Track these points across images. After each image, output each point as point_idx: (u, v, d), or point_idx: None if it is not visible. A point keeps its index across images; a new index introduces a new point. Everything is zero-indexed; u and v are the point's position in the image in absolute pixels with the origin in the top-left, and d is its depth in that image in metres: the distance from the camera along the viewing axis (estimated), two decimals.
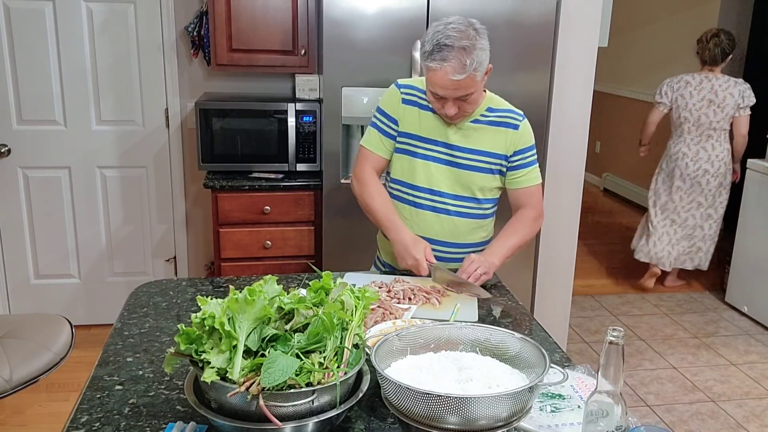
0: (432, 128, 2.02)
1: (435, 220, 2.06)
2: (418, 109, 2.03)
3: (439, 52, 1.81)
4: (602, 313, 4.24)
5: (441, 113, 1.96)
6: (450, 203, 2.05)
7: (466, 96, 1.90)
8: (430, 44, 1.84)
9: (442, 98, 1.91)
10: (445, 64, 1.82)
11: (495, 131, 2.02)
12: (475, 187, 2.05)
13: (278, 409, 1.10)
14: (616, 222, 6.27)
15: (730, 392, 3.33)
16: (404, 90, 2.05)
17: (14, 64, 3.38)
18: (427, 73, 1.89)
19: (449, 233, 2.07)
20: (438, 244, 2.06)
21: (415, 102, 2.03)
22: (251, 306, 1.15)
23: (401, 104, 2.04)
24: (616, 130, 7.10)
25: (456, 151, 2.02)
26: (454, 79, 1.83)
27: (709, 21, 5.68)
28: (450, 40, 1.81)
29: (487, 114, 2.04)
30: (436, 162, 2.03)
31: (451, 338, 1.34)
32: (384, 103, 2.07)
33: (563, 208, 3.28)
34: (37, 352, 2.13)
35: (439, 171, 2.03)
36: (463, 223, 2.07)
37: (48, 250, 3.64)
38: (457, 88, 1.86)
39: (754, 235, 4.14)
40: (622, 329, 1.08)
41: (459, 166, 2.02)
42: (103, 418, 1.27)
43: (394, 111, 2.04)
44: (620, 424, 1.09)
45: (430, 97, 1.95)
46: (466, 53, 1.82)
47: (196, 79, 3.57)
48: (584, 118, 3.21)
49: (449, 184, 2.03)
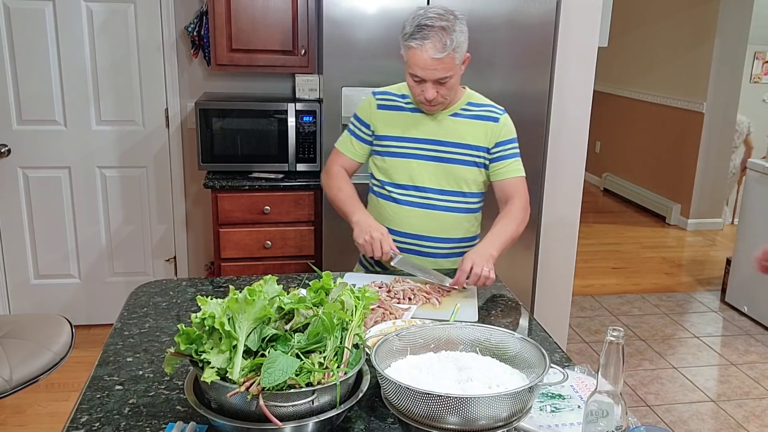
0: (412, 126, 2.06)
1: (421, 216, 2.08)
2: (395, 112, 2.08)
3: (420, 32, 1.86)
4: (602, 313, 4.24)
5: (420, 99, 1.98)
6: (435, 198, 2.07)
7: (445, 79, 1.92)
8: (411, 26, 1.89)
9: (421, 82, 1.93)
10: (425, 42, 1.86)
11: (476, 124, 2.06)
12: (461, 180, 2.07)
13: (278, 409, 1.09)
14: (616, 222, 6.27)
15: (730, 392, 3.33)
16: (379, 96, 2.12)
17: (14, 64, 3.38)
18: (407, 55, 1.92)
19: (436, 228, 2.08)
20: (425, 239, 2.08)
21: (391, 106, 2.09)
22: (251, 306, 1.15)
23: (376, 110, 2.10)
24: (616, 130, 7.11)
25: (439, 145, 2.05)
26: (435, 57, 1.86)
27: (709, 21, 5.69)
28: (430, 21, 1.86)
29: (468, 108, 2.07)
30: (419, 159, 2.06)
31: (451, 338, 1.34)
32: (360, 111, 2.15)
33: (563, 208, 3.28)
34: (37, 352, 2.13)
35: (423, 167, 2.06)
36: (449, 218, 2.09)
37: (48, 250, 3.64)
38: (437, 69, 1.89)
39: (754, 235, 4.14)
40: (622, 329, 1.08)
41: (443, 160, 2.05)
42: (103, 418, 1.27)
43: (368, 117, 2.11)
44: (620, 424, 1.09)
45: (409, 82, 1.97)
46: (445, 33, 1.86)
47: (196, 79, 3.57)
48: (584, 118, 3.21)
49: (434, 179, 2.06)
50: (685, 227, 6.04)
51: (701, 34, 5.78)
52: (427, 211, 2.07)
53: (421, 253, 2.09)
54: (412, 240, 2.08)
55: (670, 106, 6.21)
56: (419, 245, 2.08)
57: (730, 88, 5.75)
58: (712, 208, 6.04)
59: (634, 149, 6.86)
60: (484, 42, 2.94)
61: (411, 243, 2.08)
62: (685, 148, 6.01)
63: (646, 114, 6.62)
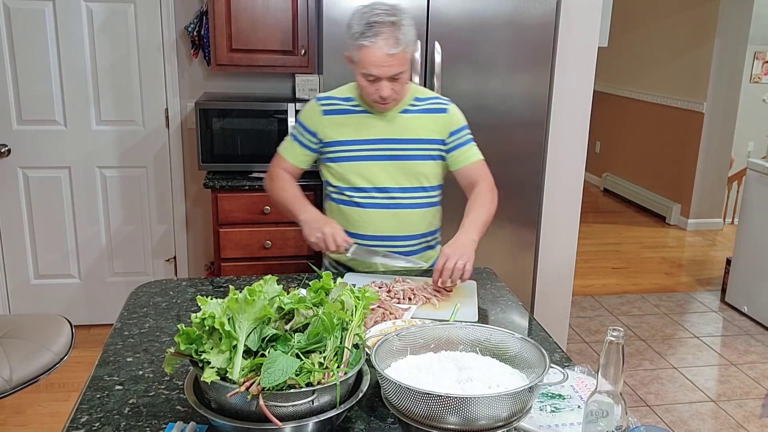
0: (364, 128, 2.03)
1: (385, 217, 2.05)
2: (341, 116, 2.04)
3: (370, 29, 1.85)
4: (602, 313, 4.24)
5: (374, 98, 1.95)
6: (398, 197, 2.05)
7: (399, 75, 1.91)
8: (359, 25, 1.87)
9: (376, 80, 1.91)
10: (378, 38, 1.84)
11: (426, 118, 2.06)
12: (420, 176, 2.06)
13: (278, 409, 1.09)
14: (616, 222, 6.27)
15: (730, 392, 3.33)
16: (323, 102, 2.07)
17: (14, 64, 3.38)
18: (359, 55, 1.88)
19: (401, 227, 2.07)
20: (393, 239, 2.06)
21: (337, 110, 2.05)
22: (251, 306, 1.15)
23: (322, 116, 2.05)
24: (616, 130, 7.11)
25: (394, 144, 2.03)
26: (390, 53, 1.85)
27: (709, 21, 5.69)
28: (379, 17, 1.85)
29: (416, 103, 2.06)
30: (375, 160, 2.03)
31: (451, 338, 1.34)
32: (303, 117, 2.09)
33: (563, 208, 3.28)
34: (37, 352, 2.13)
35: (381, 168, 2.03)
36: (413, 215, 2.08)
37: (48, 250, 3.64)
38: (392, 65, 1.87)
39: (754, 235, 4.14)
40: (622, 329, 1.08)
41: (399, 158, 2.03)
42: (103, 418, 1.27)
43: (313, 124, 2.06)
44: (620, 424, 1.09)
45: (362, 82, 1.94)
46: (396, 28, 1.86)
47: (196, 79, 3.57)
48: (584, 118, 3.21)
49: (393, 178, 2.04)
50: (685, 227, 6.04)
51: (701, 34, 5.78)
52: (392, 211, 2.05)
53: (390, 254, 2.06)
54: (380, 242, 2.06)
55: (670, 106, 6.21)
56: (388, 246, 2.05)
57: (730, 88, 5.75)
58: (712, 208, 6.04)
59: (634, 149, 6.86)
60: (484, 42, 2.95)
61: (380, 245, 2.05)
62: (685, 148, 6.01)
63: (646, 114, 6.62)
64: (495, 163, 3.11)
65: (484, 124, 3.04)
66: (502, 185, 3.13)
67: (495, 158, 3.10)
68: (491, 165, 3.16)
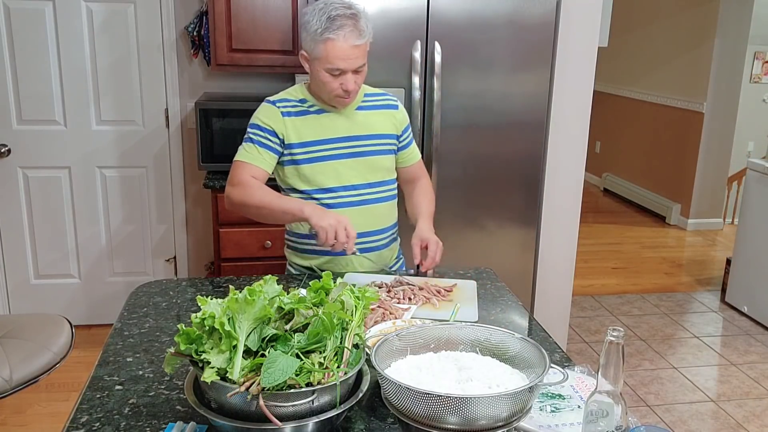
0: (325, 127, 2.02)
1: (357, 214, 2.03)
2: (300, 117, 2.01)
3: (333, 23, 1.85)
4: (602, 313, 4.24)
5: (337, 93, 1.94)
6: (366, 193, 2.06)
7: (362, 67, 1.93)
8: (320, 20, 1.86)
9: (340, 74, 1.90)
10: (343, 31, 1.85)
11: (380, 114, 2.09)
12: (382, 170, 2.09)
13: (278, 409, 1.09)
14: (616, 222, 6.27)
15: (730, 392, 3.33)
16: (280, 104, 2.02)
17: (14, 64, 3.38)
18: (324, 49, 1.87)
19: (371, 222, 2.07)
20: (366, 236, 2.06)
21: (294, 112, 2.01)
22: (251, 306, 1.15)
23: (282, 117, 2.00)
24: (616, 130, 7.11)
25: (356, 140, 2.04)
26: (355, 44, 1.87)
27: (709, 21, 5.69)
28: (339, 11, 1.87)
29: (367, 99, 2.09)
30: (340, 158, 2.02)
31: (451, 338, 1.34)
32: (259, 119, 2.01)
33: (563, 208, 3.28)
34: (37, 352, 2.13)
35: (346, 165, 2.03)
36: (382, 208, 2.10)
37: (48, 250, 3.64)
38: (357, 57, 1.89)
39: (754, 235, 4.14)
40: (622, 329, 1.08)
41: (362, 154, 2.04)
42: (103, 418, 1.27)
43: (275, 125, 1.99)
44: (620, 424, 1.09)
45: (325, 78, 1.91)
46: (357, 20, 1.88)
47: (196, 79, 3.57)
48: (584, 118, 3.21)
49: (359, 174, 2.04)
50: (685, 227, 6.04)
51: (701, 34, 5.78)
52: (362, 207, 2.05)
53: (364, 251, 2.05)
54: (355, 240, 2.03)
55: (670, 106, 6.21)
56: (362, 243, 2.04)
57: (730, 88, 5.75)
58: (712, 208, 6.04)
59: (634, 149, 6.86)
60: (484, 42, 2.95)
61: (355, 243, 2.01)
62: (685, 148, 6.01)
63: (646, 114, 6.62)
64: (495, 163, 3.14)
65: (484, 124, 3.05)
66: (502, 185, 3.16)
67: (495, 158, 3.13)
68: (491, 165, 3.18)
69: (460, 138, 3.03)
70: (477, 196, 3.12)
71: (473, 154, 3.08)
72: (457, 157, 3.05)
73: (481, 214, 3.14)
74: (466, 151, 3.06)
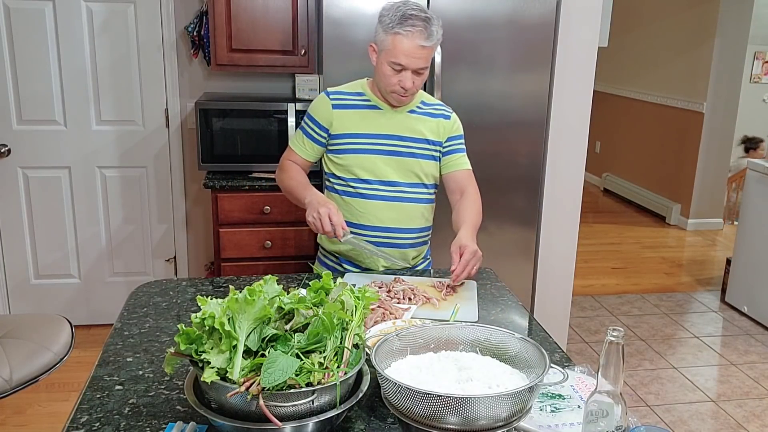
0: (370, 123, 2.10)
1: (388, 209, 2.11)
2: (351, 110, 2.11)
3: (407, 21, 1.93)
4: (602, 313, 4.24)
5: (394, 89, 2.01)
6: (400, 190, 2.12)
7: (423, 69, 2.00)
8: (394, 16, 1.95)
9: (401, 71, 1.97)
10: (414, 29, 1.93)
11: (430, 121, 2.14)
12: (420, 173, 2.13)
13: (278, 409, 1.10)
14: (616, 222, 6.27)
15: (730, 392, 3.33)
16: (334, 96, 2.13)
17: (14, 64, 3.38)
18: (392, 42, 1.95)
19: (402, 219, 2.13)
20: (393, 231, 2.13)
21: (346, 105, 2.11)
22: (251, 306, 1.15)
23: (332, 110, 2.10)
24: (616, 130, 7.11)
25: (398, 140, 2.10)
26: (423, 45, 1.94)
27: (709, 21, 5.69)
28: (415, 11, 1.95)
29: (422, 106, 2.16)
30: (380, 154, 2.09)
31: (451, 338, 1.34)
32: (314, 110, 2.14)
33: (563, 208, 3.28)
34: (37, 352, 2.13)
35: (385, 161, 2.10)
36: (414, 208, 2.15)
37: (48, 250, 3.63)
38: (421, 57, 1.96)
39: (754, 235, 4.14)
40: (622, 329, 1.08)
41: (403, 154, 2.10)
42: (103, 418, 1.27)
43: (324, 117, 2.11)
44: (620, 424, 1.09)
45: (386, 71, 1.99)
46: (429, 23, 1.95)
47: (196, 79, 3.57)
48: (584, 118, 3.21)
49: (395, 172, 2.10)
50: (685, 227, 6.04)
51: (701, 34, 5.78)
52: (394, 203, 2.12)
53: (389, 245, 2.12)
54: (381, 233, 2.12)
55: (670, 106, 6.21)
56: (388, 237, 2.12)
57: (730, 88, 5.75)
58: (712, 208, 6.04)
59: (634, 149, 6.86)
60: (484, 42, 2.95)
61: (380, 236, 2.11)
62: (685, 148, 6.01)
63: (646, 114, 6.62)
64: (495, 163, 3.13)
65: (484, 124, 3.05)
66: (502, 185, 3.16)
67: (495, 158, 3.13)
68: (491, 165, 3.18)
69: None
70: None
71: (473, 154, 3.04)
72: None
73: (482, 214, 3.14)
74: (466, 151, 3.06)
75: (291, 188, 2.15)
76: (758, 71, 6.02)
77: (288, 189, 2.17)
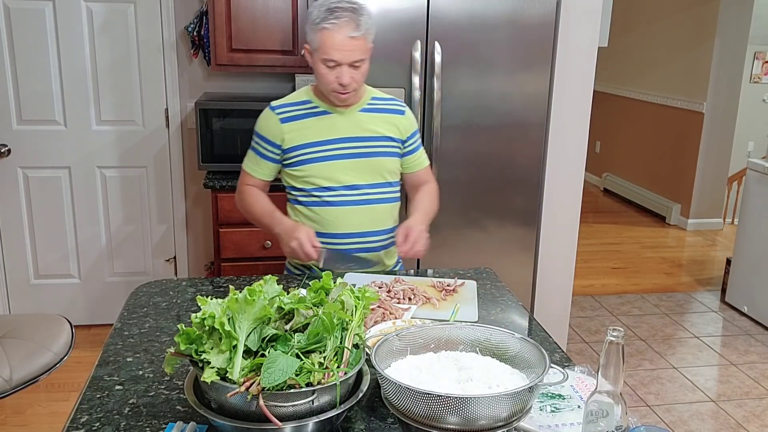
0: (323, 130, 2.03)
1: (359, 213, 2.06)
2: (300, 121, 2.04)
3: (332, 14, 1.88)
4: (602, 313, 4.24)
5: (333, 87, 1.95)
6: (365, 193, 2.06)
7: (359, 62, 1.93)
8: (320, 11, 1.90)
9: (336, 67, 1.91)
10: (340, 21, 1.88)
11: (385, 117, 2.09)
12: (384, 172, 2.09)
13: (278, 409, 1.09)
14: (616, 222, 6.27)
15: (730, 392, 3.33)
16: (280, 110, 2.05)
17: (14, 64, 3.38)
18: (320, 40, 1.90)
19: (372, 222, 2.08)
20: (365, 235, 2.07)
21: (294, 116, 2.04)
22: (251, 306, 1.15)
23: (281, 124, 2.03)
24: (616, 130, 7.11)
25: (357, 141, 2.04)
26: (351, 36, 1.88)
27: (709, 21, 5.69)
28: (341, 4, 1.90)
29: (374, 103, 2.10)
30: (339, 159, 2.03)
31: (451, 338, 1.34)
32: (262, 128, 2.07)
33: (563, 208, 3.28)
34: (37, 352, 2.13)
35: (346, 166, 2.04)
36: (383, 209, 2.10)
37: (48, 250, 3.64)
38: (354, 49, 1.90)
39: (754, 235, 4.14)
40: (622, 329, 1.08)
41: (363, 155, 2.05)
42: (103, 418, 1.27)
43: (273, 134, 2.04)
44: (620, 424, 1.09)
45: (322, 70, 1.94)
46: (357, 14, 1.90)
47: (196, 79, 3.57)
48: (584, 118, 3.21)
49: (359, 175, 2.05)
50: (685, 227, 6.04)
51: (701, 34, 5.78)
52: (363, 206, 2.07)
53: (362, 250, 2.08)
54: (353, 239, 2.07)
55: (670, 106, 6.21)
56: (360, 242, 2.07)
57: (730, 88, 5.75)
58: (712, 208, 6.04)
59: (634, 149, 6.86)
60: (484, 42, 2.95)
61: (352, 242, 2.06)
62: (685, 148, 6.01)
63: (646, 114, 6.62)
64: (495, 163, 3.14)
65: (484, 124, 3.05)
66: (502, 185, 3.16)
67: (495, 158, 3.13)
68: (491, 165, 3.18)
69: (461, 138, 3.03)
70: (477, 196, 3.12)
71: (473, 154, 3.08)
72: (457, 157, 3.05)
73: (481, 214, 3.14)
74: (467, 151, 3.06)
75: (256, 217, 2.09)
76: (758, 71, 6.01)
77: (253, 218, 2.11)
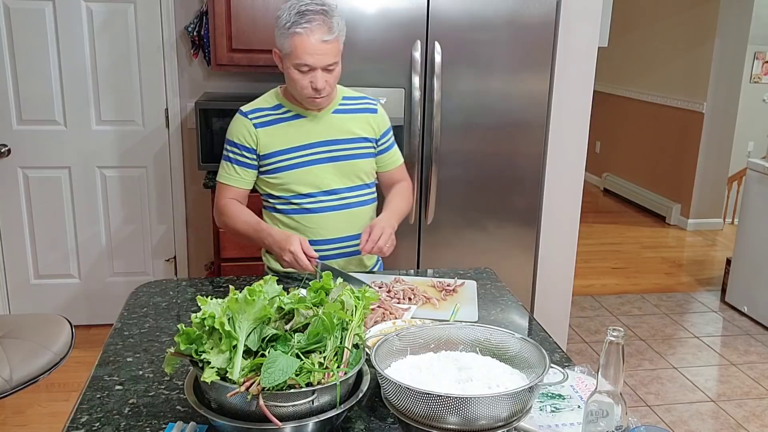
0: (298, 135, 1.99)
1: (338, 218, 2.03)
2: (274, 126, 1.99)
3: (303, 18, 1.83)
4: (602, 313, 4.24)
5: (307, 92, 1.90)
6: (344, 197, 2.04)
7: (333, 66, 1.89)
8: (290, 15, 1.85)
9: (309, 71, 1.87)
10: (312, 24, 1.83)
11: (358, 117, 2.06)
12: (361, 173, 2.06)
13: (278, 409, 1.10)
14: (616, 222, 6.27)
15: (730, 392, 3.33)
16: (252, 115, 1.99)
17: (14, 64, 3.38)
18: (291, 45, 1.85)
19: (352, 226, 2.04)
20: (346, 240, 2.04)
21: (267, 121, 1.99)
22: (251, 306, 1.15)
23: (255, 129, 1.98)
24: (616, 130, 7.11)
25: (333, 145, 2.01)
26: (324, 40, 1.84)
27: (709, 21, 5.69)
28: (311, 6, 1.85)
29: (346, 103, 2.06)
30: (316, 163, 2.00)
31: (451, 338, 1.34)
32: (235, 135, 2.00)
33: (563, 208, 3.28)
34: (37, 352, 2.13)
35: (323, 170, 2.00)
36: (362, 212, 2.07)
37: (48, 250, 3.64)
38: (327, 53, 1.86)
39: (754, 235, 4.14)
40: (622, 329, 1.08)
41: (340, 158, 2.02)
42: (103, 418, 1.27)
43: (248, 139, 1.98)
44: (620, 424, 1.09)
45: (294, 75, 1.89)
46: (328, 16, 1.86)
47: (196, 79, 3.57)
48: (584, 118, 3.21)
49: (338, 179, 2.02)
50: (685, 227, 6.03)
51: (701, 34, 5.78)
52: (341, 211, 2.03)
53: (344, 255, 2.05)
54: (334, 245, 2.03)
55: (670, 106, 6.21)
56: (342, 247, 2.04)
57: (730, 88, 5.75)
58: (712, 208, 6.04)
59: (634, 149, 6.86)
60: (484, 42, 2.95)
61: (334, 248, 2.03)
62: (685, 148, 6.01)
63: (646, 114, 6.62)
64: (495, 163, 3.13)
65: (484, 124, 3.05)
66: (502, 185, 3.16)
67: (495, 158, 3.13)
68: (491, 165, 3.18)
69: (460, 138, 3.03)
70: (477, 196, 3.12)
71: (473, 154, 3.08)
72: (457, 157, 3.05)
73: (481, 214, 3.14)
74: (466, 151, 3.06)
75: (240, 233, 2.01)
76: (758, 71, 6.01)
77: (237, 235, 2.02)
